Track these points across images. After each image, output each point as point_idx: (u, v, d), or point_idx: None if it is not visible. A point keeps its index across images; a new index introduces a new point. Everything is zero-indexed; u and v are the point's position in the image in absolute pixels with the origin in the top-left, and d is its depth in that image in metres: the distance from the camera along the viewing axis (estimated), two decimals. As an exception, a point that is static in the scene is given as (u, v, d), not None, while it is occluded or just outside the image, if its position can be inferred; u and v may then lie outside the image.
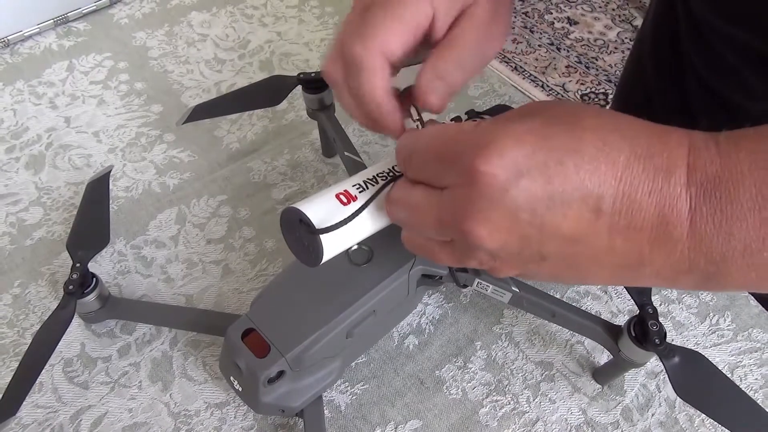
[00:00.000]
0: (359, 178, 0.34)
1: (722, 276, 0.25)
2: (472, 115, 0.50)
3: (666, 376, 0.48)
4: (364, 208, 0.32)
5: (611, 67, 2.07)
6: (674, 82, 0.58)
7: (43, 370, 0.44)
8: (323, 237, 0.31)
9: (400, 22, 0.32)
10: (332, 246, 0.32)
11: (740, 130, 0.25)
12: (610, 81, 2.04)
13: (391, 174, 0.34)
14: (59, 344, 0.44)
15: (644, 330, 0.41)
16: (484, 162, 0.25)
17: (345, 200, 0.33)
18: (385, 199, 0.32)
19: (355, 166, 0.53)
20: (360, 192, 0.33)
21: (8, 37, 0.74)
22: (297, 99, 0.68)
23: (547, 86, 2.02)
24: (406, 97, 0.35)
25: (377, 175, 0.34)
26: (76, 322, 0.51)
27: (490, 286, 0.45)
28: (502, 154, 0.25)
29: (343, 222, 0.31)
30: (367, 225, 0.33)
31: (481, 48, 0.34)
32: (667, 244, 0.25)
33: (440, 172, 0.28)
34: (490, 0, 0.33)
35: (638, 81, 0.65)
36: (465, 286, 0.44)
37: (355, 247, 0.44)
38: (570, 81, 2.03)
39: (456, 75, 0.33)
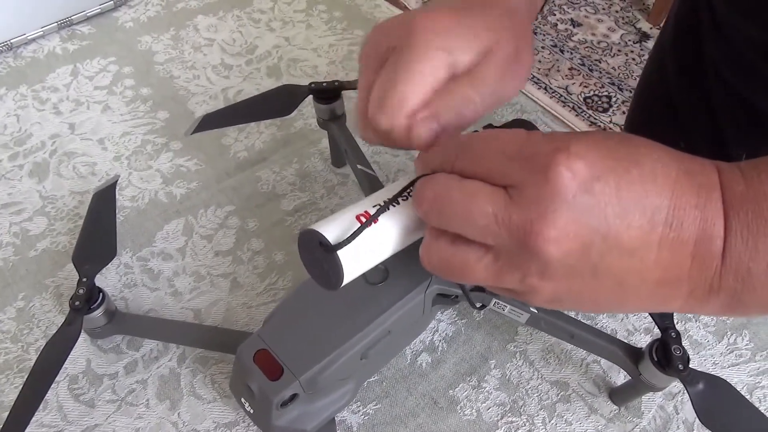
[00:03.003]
0: (379, 197, 0.33)
1: (747, 293, 0.26)
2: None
3: (683, 397, 0.47)
4: (383, 211, 0.31)
5: (614, 70, 2.06)
6: (695, 82, 0.58)
7: (48, 388, 0.43)
8: (343, 257, 0.30)
9: (419, 81, 0.32)
10: (352, 266, 0.31)
11: (758, 159, 0.27)
12: (613, 84, 2.03)
13: (412, 193, 0.33)
14: (65, 361, 0.43)
15: (667, 354, 0.40)
16: (565, 161, 0.25)
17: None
18: (421, 188, 0.30)
19: (367, 179, 0.52)
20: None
21: (11, 41, 0.72)
22: (305, 106, 0.67)
23: (550, 88, 2.01)
24: None
25: (397, 194, 0.33)
26: (82, 337, 0.49)
27: (508, 306, 0.44)
28: (583, 155, 0.25)
29: (361, 229, 0.30)
30: (388, 243, 0.32)
31: (494, 94, 0.33)
32: (706, 259, 0.26)
33: (507, 168, 0.27)
34: (510, 44, 0.33)
35: (658, 82, 0.65)
36: (482, 308, 0.43)
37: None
38: (573, 83, 2.02)
39: (453, 120, 0.33)
